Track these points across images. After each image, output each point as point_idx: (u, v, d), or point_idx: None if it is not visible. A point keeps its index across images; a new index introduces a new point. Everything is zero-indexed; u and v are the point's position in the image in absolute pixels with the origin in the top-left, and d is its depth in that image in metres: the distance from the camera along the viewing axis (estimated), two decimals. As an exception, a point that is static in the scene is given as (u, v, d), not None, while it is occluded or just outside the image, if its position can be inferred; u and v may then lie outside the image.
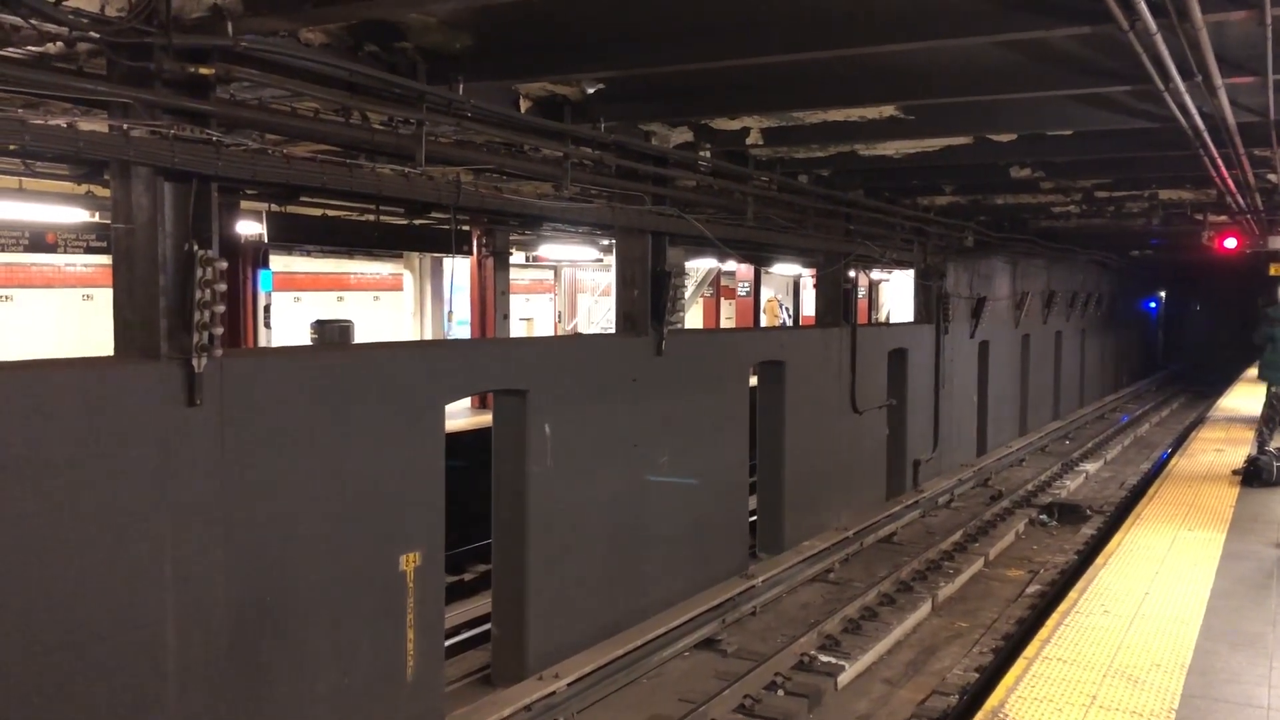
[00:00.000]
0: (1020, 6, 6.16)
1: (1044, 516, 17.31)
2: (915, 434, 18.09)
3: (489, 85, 7.88)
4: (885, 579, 13.10)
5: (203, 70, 5.94)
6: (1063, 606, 7.84)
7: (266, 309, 15.92)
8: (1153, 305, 47.86)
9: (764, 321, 29.06)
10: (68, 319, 16.69)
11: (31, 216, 11.92)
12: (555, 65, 7.65)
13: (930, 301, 18.77)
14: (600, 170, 9.66)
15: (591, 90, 8.62)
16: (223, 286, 6.30)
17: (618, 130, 9.43)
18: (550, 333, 24.59)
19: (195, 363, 6.24)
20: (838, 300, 15.69)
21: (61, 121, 5.89)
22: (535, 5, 6.50)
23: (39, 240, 13.68)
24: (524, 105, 8.71)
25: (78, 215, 11.28)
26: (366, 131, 7.46)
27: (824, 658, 10.54)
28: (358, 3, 6.00)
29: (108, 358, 6.35)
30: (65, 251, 14.11)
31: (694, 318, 27.42)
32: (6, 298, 16.59)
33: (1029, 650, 6.85)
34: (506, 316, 16.24)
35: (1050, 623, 7.45)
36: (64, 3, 5.26)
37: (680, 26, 7.04)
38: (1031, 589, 13.28)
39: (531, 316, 23.82)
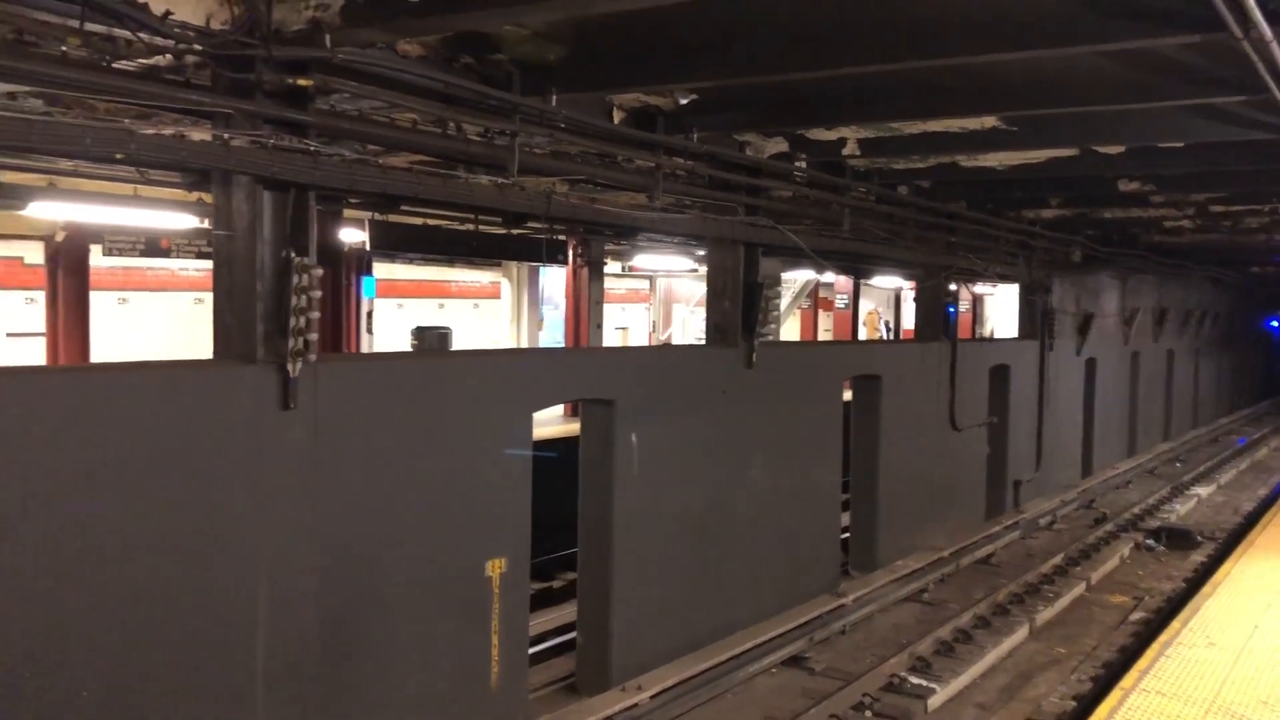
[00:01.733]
0: (1125, 15, 5.95)
1: (1151, 541, 16.67)
2: (1017, 453, 17.62)
3: (582, 96, 7.91)
4: (981, 601, 12.77)
5: (301, 81, 6.07)
6: (1163, 637, 7.53)
7: (369, 315, 16.28)
8: (1275, 324, 45.82)
9: (863, 334, 28.69)
10: (179, 321, 17.32)
11: (146, 223, 12.36)
12: (648, 76, 7.63)
13: (1035, 317, 18.28)
14: (693, 181, 9.63)
15: (685, 101, 8.60)
16: (318, 293, 6.44)
17: (711, 141, 9.39)
18: (645, 342, 24.65)
19: (290, 367, 6.38)
20: (938, 314, 15.38)
21: (172, 131, 6.10)
22: (628, 16, 6.50)
23: (154, 245, 14.21)
24: (617, 116, 8.72)
25: (188, 221, 11.65)
26: (462, 142, 7.56)
27: (915, 679, 10.31)
28: (452, 15, 6.05)
29: (207, 361, 6.53)
30: (178, 256, 14.61)
31: (791, 330, 27.22)
32: (123, 300, 17.29)
33: (1125, 681, 6.60)
34: (600, 325, 16.31)
35: (1150, 653, 7.16)
36: (171, 16, 5.43)
37: (775, 36, 6.97)
38: (1135, 616, 12.80)
39: (627, 326, 23.92)
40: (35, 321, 14.66)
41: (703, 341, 11.50)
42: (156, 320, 17.44)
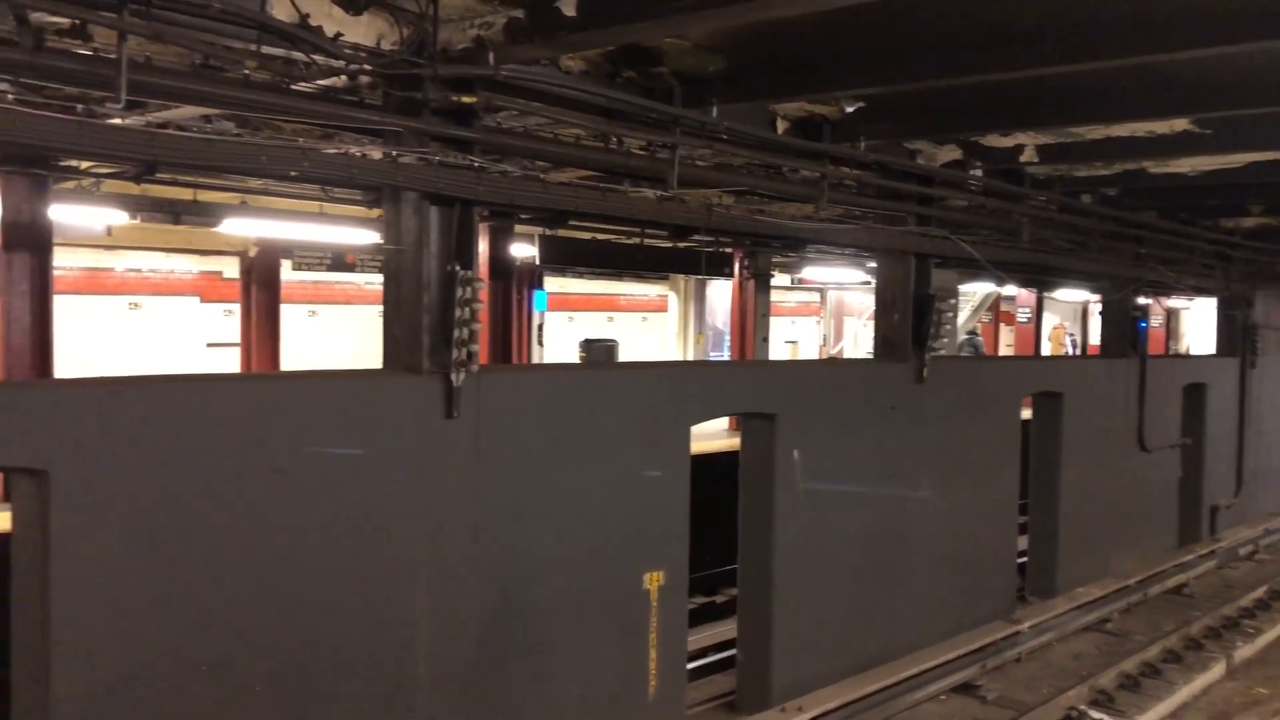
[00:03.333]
0: (1332, 3, 5.47)
1: (1370, 576, 15.34)
2: (1214, 477, 16.53)
3: (743, 106, 7.84)
4: (1172, 633, 11.99)
5: (465, 99, 6.20)
6: (1378, 683, 6.87)
7: (539, 328, 16.61)
8: None
9: (1047, 349, 27.58)
10: (365, 333, 18.08)
11: (330, 239, 12.94)
12: (812, 84, 7.48)
13: (1235, 333, 17.15)
14: (861, 190, 9.41)
15: (851, 109, 8.40)
16: (480, 305, 6.57)
17: (879, 149, 9.14)
18: (815, 356, 24.31)
19: (454, 377, 6.53)
20: (1125, 329, 14.62)
21: (351, 150, 6.34)
22: (791, 24, 6.40)
23: (339, 260, 14.87)
24: (781, 126, 8.60)
25: (369, 238, 12.13)
26: (623, 156, 7.60)
27: (1095, 713, 9.74)
28: (612, 28, 6.07)
29: (376, 370, 6.75)
30: (362, 271, 15.25)
31: (969, 344, 26.32)
32: (313, 313, 18.19)
33: (1330, 730, 6.03)
34: (766, 339, 16.14)
35: (1361, 700, 6.54)
36: (341, 38, 5.64)
37: (945, 39, 6.72)
38: (1349, 658, 11.80)
39: (796, 339, 23.64)
40: (232, 332, 15.57)
41: (872, 355, 11.21)
42: (345, 332, 18.27)
